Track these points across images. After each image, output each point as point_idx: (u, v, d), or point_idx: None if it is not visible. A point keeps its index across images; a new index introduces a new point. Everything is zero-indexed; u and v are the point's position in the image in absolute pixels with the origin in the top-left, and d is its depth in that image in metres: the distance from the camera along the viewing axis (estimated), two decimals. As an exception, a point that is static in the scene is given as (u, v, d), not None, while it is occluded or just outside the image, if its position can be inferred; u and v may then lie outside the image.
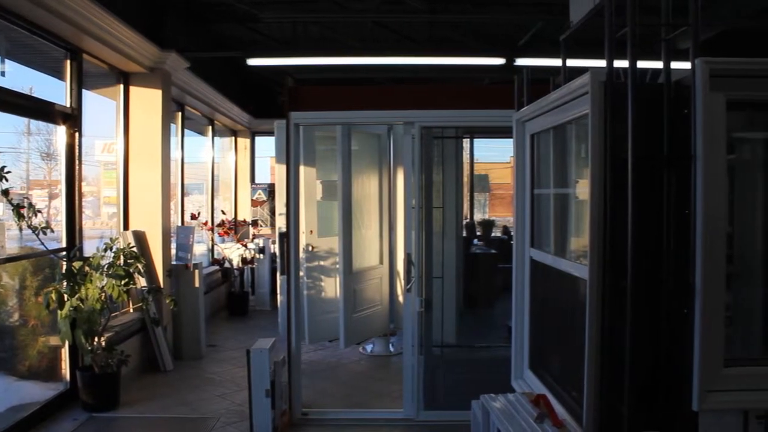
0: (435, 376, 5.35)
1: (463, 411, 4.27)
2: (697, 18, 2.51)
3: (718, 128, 2.41)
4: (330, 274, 6.93)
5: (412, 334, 5.31)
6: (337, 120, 5.77)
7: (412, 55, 8.21)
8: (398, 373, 5.91)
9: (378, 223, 7.35)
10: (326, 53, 8.41)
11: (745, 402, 2.59)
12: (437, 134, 5.98)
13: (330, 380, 6.52)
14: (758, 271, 3.76)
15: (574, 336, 2.92)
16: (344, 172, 6.52)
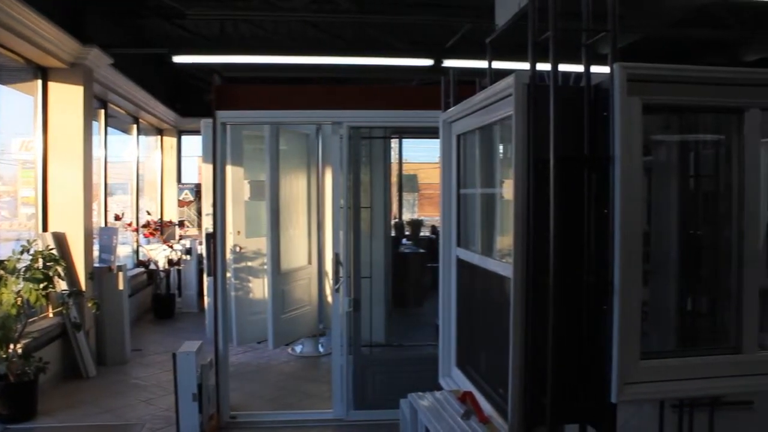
0: (364, 375, 5.36)
1: (393, 410, 4.29)
2: (615, 24, 2.59)
3: (634, 130, 2.50)
4: (258, 275, 6.86)
5: (340, 334, 5.32)
6: (265, 119, 5.72)
7: (341, 55, 8.20)
8: (328, 373, 5.91)
9: (306, 223, 7.32)
10: (255, 51, 8.32)
11: (661, 392, 2.71)
12: (365, 134, 6.01)
13: (259, 382, 6.46)
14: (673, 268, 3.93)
15: (500, 333, 2.97)
16: (272, 172, 6.46)
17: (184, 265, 10.07)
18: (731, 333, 2.85)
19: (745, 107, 2.71)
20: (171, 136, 11.86)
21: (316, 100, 5.36)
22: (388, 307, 6.93)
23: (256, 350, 7.45)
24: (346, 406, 5.33)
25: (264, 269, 6.72)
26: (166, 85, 10.59)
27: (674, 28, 7.52)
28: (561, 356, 2.61)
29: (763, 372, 2.78)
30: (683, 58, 9.06)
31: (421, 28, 8.35)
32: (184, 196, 11.23)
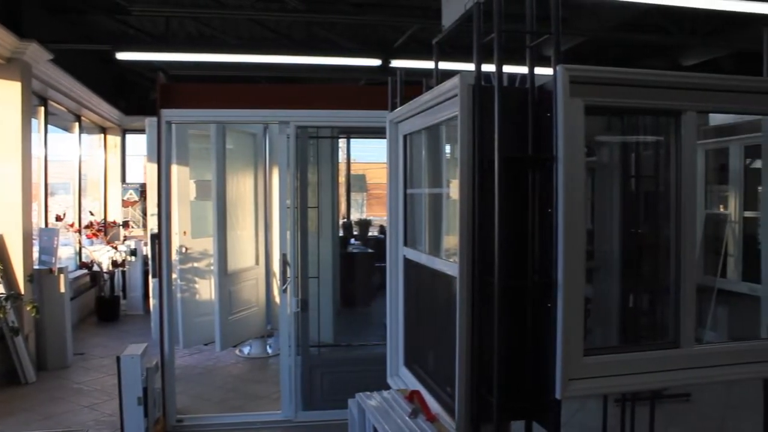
0: (313, 376, 5.34)
1: (342, 410, 4.28)
2: (558, 27, 2.63)
3: (577, 131, 2.54)
4: (204, 276, 6.76)
5: (288, 334, 5.29)
6: (211, 118, 5.64)
7: (289, 54, 8.14)
8: (276, 374, 5.87)
9: (253, 224, 7.25)
10: (202, 50, 8.21)
11: (604, 388, 2.75)
12: (313, 134, 5.98)
13: (206, 385, 6.37)
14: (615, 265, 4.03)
15: (447, 332, 2.99)
16: (218, 172, 6.38)
17: (128, 267, 9.87)
18: (670, 328, 2.92)
19: (683, 110, 2.79)
20: (115, 135, 11.58)
21: (263, 99, 5.31)
22: (337, 307, 6.92)
23: (203, 352, 7.34)
24: (295, 407, 5.30)
25: (211, 270, 6.64)
26: (110, 82, 10.35)
27: (616, 32, 7.70)
28: (506, 354, 2.64)
29: (700, 365, 2.85)
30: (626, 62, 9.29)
31: (369, 28, 8.37)
32: (129, 196, 11.00)
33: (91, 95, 9.12)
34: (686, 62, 9.04)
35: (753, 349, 2.97)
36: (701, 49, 8.61)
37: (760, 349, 2.98)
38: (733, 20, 7.32)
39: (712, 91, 2.82)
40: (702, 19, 7.58)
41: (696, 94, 2.79)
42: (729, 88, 2.85)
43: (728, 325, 6.63)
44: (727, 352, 2.94)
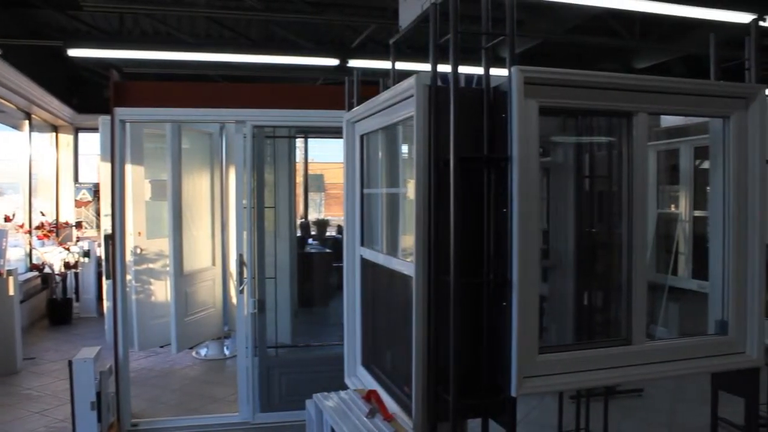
0: (270, 377, 5.31)
1: (300, 411, 4.27)
2: (512, 29, 2.66)
3: (531, 132, 2.58)
4: (160, 277, 6.66)
5: (246, 336, 5.24)
6: (167, 117, 5.55)
7: (246, 53, 8.07)
8: (233, 376, 5.82)
9: (210, 224, 7.17)
10: (157, 47, 8.08)
11: (558, 385, 2.79)
12: (270, 134, 5.95)
13: (162, 388, 6.28)
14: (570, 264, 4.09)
15: (403, 332, 3.00)
16: (174, 172, 6.29)
17: (81, 268, 9.67)
18: (622, 326, 2.98)
19: (634, 111, 2.85)
20: (67, 134, 11.32)
21: (220, 98, 5.25)
22: (294, 308, 6.89)
23: (159, 355, 7.24)
24: (253, 408, 5.26)
25: (166, 271, 6.53)
26: (62, 79, 10.10)
27: (571, 34, 7.82)
28: (463, 353, 2.66)
29: (651, 361, 2.91)
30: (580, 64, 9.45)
31: (326, 27, 8.36)
32: (82, 196, 10.77)
33: (42, 92, 8.90)
34: (638, 65, 9.24)
35: (701, 345, 3.05)
36: (653, 53, 8.82)
37: (708, 344, 3.06)
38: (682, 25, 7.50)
39: (661, 94, 2.89)
40: (653, 23, 7.75)
41: (647, 96, 2.85)
42: (678, 90, 2.93)
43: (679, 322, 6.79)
44: (677, 348, 3.01)
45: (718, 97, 3.03)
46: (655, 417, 5.66)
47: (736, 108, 3.05)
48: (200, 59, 8.09)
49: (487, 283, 2.69)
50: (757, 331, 3.06)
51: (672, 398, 6.06)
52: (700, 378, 3.54)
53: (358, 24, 7.92)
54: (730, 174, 3.07)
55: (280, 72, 9.11)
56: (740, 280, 3.07)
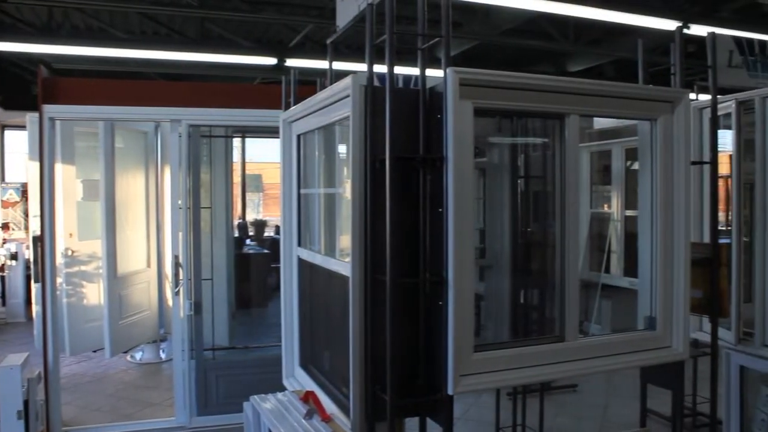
0: (207, 380, 5.22)
1: (238, 414, 4.21)
2: (448, 31, 2.68)
3: (466, 132, 2.61)
4: (93, 280, 6.48)
5: (182, 338, 5.15)
6: (99, 115, 5.39)
7: (182, 50, 7.91)
8: (170, 380, 5.71)
9: (145, 225, 7.02)
10: (89, 43, 7.83)
11: (494, 382, 2.82)
12: (206, 133, 5.85)
13: (95, 393, 6.12)
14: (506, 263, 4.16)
15: (341, 332, 3.00)
16: (107, 171, 6.13)
17: (9, 272, 9.34)
18: (556, 323, 3.05)
19: (566, 113, 2.92)
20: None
21: (154, 97, 5.14)
22: (232, 309, 6.80)
23: (92, 359, 7.05)
24: (189, 412, 5.17)
25: (99, 273, 6.36)
26: (-14, 75, 9.74)
27: (507, 37, 7.95)
28: (400, 352, 2.68)
29: (584, 357, 2.98)
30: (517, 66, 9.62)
31: (264, 26, 8.27)
32: (9, 196, 10.40)
33: (-34, 89, 8.55)
34: (572, 68, 9.47)
35: (630, 340, 3.14)
36: (586, 56, 9.05)
37: (637, 339, 3.16)
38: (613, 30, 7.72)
39: (592, 96, 2.96)
40: (586, 28, 7.95)
41: (578, 98, 2.91)
42: (608, 94, 3.01)
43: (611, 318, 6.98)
44: (608, 344, 3.09)
45: (645, 101, 3.13)
46: (589, 411, 5.81)
47: (663, 111, 3.15)
48: (134, 56, 7.89)
49: (423, 283, 2.71)
50: (683, 326, 3.17)
51: (605, 393, 6.23)
52: (632, 372, 3.65)
53: (296, 23, 7.86)
54: (657, 174, 3.18)
55: (217, 70, 8.98)
56: (667, 277, 3.18)
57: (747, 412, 4.46)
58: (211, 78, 9.31)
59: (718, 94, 3.84)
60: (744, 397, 4.43)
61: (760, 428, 4.38)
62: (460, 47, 8.20)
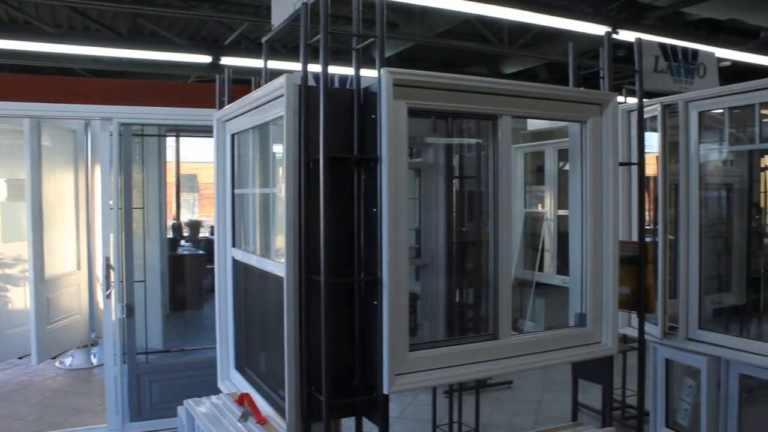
0: (141, 384, 5.10)
1: (172, 419, 4.13)
2: (382, 31, 2.69)
3: (400, 133, 2.63)
4: (18, 283, 6.25)
5: (114, 342, 5.01)
6: (23, 112, 5.21)
7: (113, 46, 7.69)
8: (101, 385, 5.56)
9: (75, 226, 6.80)
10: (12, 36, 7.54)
11: (429, 381, 2.85)
12: (138, 132, 5.71)
13: (20, 402, 5.89)
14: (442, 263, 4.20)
15: (276, 333, 2.98)
16: (33, 171, 5.91)
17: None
18: (490, 321, 3.10)
19: (499, 114, 2.97)
20: None
21: (84, 94, 5.01)
22: (166, 311, 6.67)
23: (18, 366, 6.79)
24: (122, 418, 5.03)
25: (26, 276, 6.13)
26: None
27: (443, 39, 8.04)
28: (335, 352, 2.67)
29: (517, 354, 3.04)
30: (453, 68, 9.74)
31: (199, 23, 8.13)
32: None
33: None
34: (506, 70, 9.65)
35: (562, 337, 3.22)
36: (520, 59, 9.22)
37: (568, 336, 3.24)
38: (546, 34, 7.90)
39: (524, 98, 3.02)
40: (519, 31, 8.11)
41: (510, 100, 2.97)
42: (539, 96, 3.07)
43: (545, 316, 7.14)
44: (540, 341, 3.16)
45: (575, 103, 3.22)
46: (524, 407, 5.92)
47: (592, 113, 3.25)
48: (62, 51, 7.62)
49: (358, 283, 2.72)
50: (612, 322, 3.27)
51: (540, 388, 6.37)
52: (565, 368, 3.74)
53: (232, 21, 7.76)
54: (586, 175, 3.27)
55: (150, 68, 8.76)
56: (596, 274, 3.27)
57: (672, 403, 4.63)
58: (143, 75, 9.09)
59: (644, 97, 3.98)
60: (669, 388, 4.59)
61: (684, 417, 4.56)
62: (397, 48, 8.25)
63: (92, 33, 8.16)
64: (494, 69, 9.65)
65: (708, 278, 4.64)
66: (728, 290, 5.15)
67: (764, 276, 5.42)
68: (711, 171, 5.06)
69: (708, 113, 4.36)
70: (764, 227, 5.88)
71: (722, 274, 5.22)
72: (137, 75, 9.04)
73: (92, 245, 6.98)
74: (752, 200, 5.40)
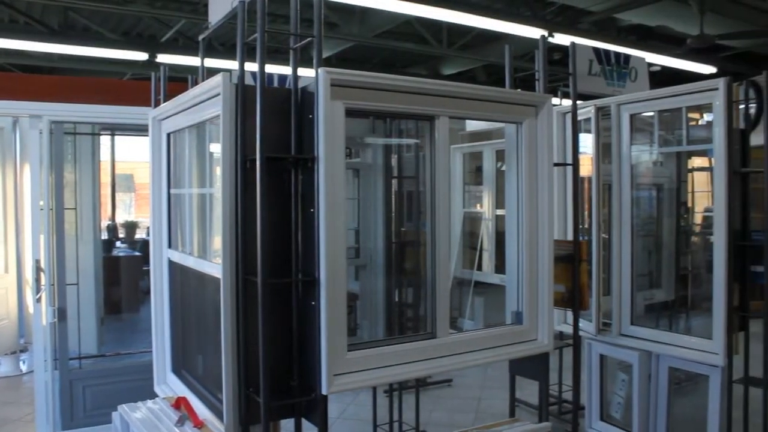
0: (74, 391, 4.95)
1: (107, 425, 4.02)
2: (320, 31, 2.68)
3: (337, 133, 2.63)
4: (-60, 288, 5.99)
5: (44, 348, 4.85)
6: (-54, 109, 5.00)
7: (42, 40, 7.44)
8: (31, 393, 5.37)
9: (2, 227, 6.56)
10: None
11: (368, 381, 2.85)
12: (70, 130, 5.54)
13: (-58, 413, 5.65)
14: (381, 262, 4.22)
15: (213, 335, 2.94)
16: (-44, 170, 5.68)
17: None
18: (428, 320, 3.12)
19: (436, 115, 2.99)
20: None
21: (11, 89, 4.84)
22: (100, 315, 6.49)
23: (-60, 375, 6.52)
24: (53, 427, 4.87)
25: (-51, 281, 5.90)
26: None
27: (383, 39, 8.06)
28: (273, 354, 2.65)
29: (455, 353, 3.07)
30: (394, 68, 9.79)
31: (133, 19, 7.93)
32: None
33: None
34: (446, 71, 9.75)
35: (499, 335, 3.27)
36: (459, 60, 9.33)
37: (506, 333, 3.29)
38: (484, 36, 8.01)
39: (461, 99, 3.06)
40: (458, 33, 8.20)
41: (447, 101, 3.00)
42: (476, 97, 3.11)
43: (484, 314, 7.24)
44: (478, 339, 3.20)
45: (511, 105, 3.27)
46: (464, 405, 5.99)
47: (528, 115, 3.30)
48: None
49: (296, 283, 2.70)
50: (547, 320, 3.34)
51: (479, 386, 6.45)
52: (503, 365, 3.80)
53: (169, 18, 7.60)
54: (522, 175, 3.33)
55: (82, 64, 8.53)
56: (532, 273, 3.33)
57: (606, 397, 4.76)
58: (76, 72, 8.82)
59: (578, 100, 4.07)
60: (604, 383, 4.72)
61: (617, 411, 4.69)
62: (336, 48, 8.24)
63: (20, 26, 7.88)
64: (434, 70, 9.73)
65: (640, 275, 4.80)
66: (659, 287, 5.33)
67: (692, 273, 5.63)
68: (642, 172, 5.23)
69: (639, 116, 4.50)
70: (692, 226, 6.10)
71: (653, 272, 5.40)
72: (69, 71, 8.77)
73: (21, 247, 6.74)
74: (680, 200, 5.60)
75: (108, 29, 8.02)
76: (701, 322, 4.71)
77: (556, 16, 7.30)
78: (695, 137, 5.23)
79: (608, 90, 4.55)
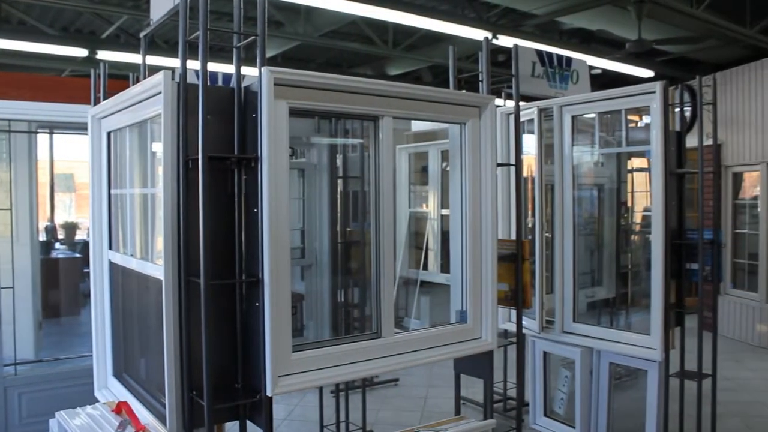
0: (9, 398, 4.80)
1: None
2: (263, 30, 2.67)
3: (281, 132, 2.61)
4: None
5: (-23, 354, 4.69)
6: None
7: (-26, 35, 7.18)
8: (-38, 401, 5.17)
9: (-67, 229, 6.30)
10: None
11: (313, 381, 2.84)
12: (4, 128, 5.36)
13: None
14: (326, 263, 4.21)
15: (157, 337, 2.89)
16: None
17: None
18: (374, 320, 3.13)
19: (380, 115, 3.00)
20: None
21: (-60, 87, 4.64)
22: (38, 319, 6.29)
23: None
24: (-14, 435, 4.73)
25: None
26: None
27: (328, 39, 8.04)
28: (217, 356, 2.62)
29: (400, 352, 3.09)
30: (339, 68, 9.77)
31: (72, 14, 7.71)
32: None
33: None
34: (391, 72, 9.78)
35: (444, 334, 3.30)
36: (405, 61, 9.38)
37: (450, 332, 3.33)
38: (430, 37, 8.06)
39: (405, 99, 3.07)
40: (404, 33, 8.23)
41: (391, 101, 3.02)
42: (420, 97, 3.14)
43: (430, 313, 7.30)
44: (423, 338, 3.23)
45: (455, 105, 3.30)
46: (410, 403, 6.03)
47: (471, 115, 3.34)
48: None
49: (240, 284, 2.68)
50: (491, 318, 3.38)
51: (425, 385, 6.50)
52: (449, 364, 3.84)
53: (110, 13, 7.41)
54: (466, 175, 3.36)
55: (19, 59, 8.25)
56: (476, 272, 3.37)
57: (549, 393, 4.85)
58: (11, 68, 8.53)
59: (521, 101, 4.14)
60: (547, 379, 4.82)
61: (560, 406, 4.79)
62: (281, 47, 8.18)
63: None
64: (379, 70, 9.75)
65: (581, 274, 4.91)
66: (600, 284, 5.46)
67: (631, 270, 5.79)
68: (584, 172, 5.35)
69: (580, 117, 4.61)
70: (631, 225, 6.27)
71: (594, 270, 5.53)
72: (3, 67, 8.47)
73: (-47, 250, 6.48)
74: (621, 200, 5.75)
75: (46, 24, 7.77)
76: (640, 319, 4.85)
77: (499, 19, 7.39)
78: (634, 139, 5.38)
79: (551, 92, 4.64)
